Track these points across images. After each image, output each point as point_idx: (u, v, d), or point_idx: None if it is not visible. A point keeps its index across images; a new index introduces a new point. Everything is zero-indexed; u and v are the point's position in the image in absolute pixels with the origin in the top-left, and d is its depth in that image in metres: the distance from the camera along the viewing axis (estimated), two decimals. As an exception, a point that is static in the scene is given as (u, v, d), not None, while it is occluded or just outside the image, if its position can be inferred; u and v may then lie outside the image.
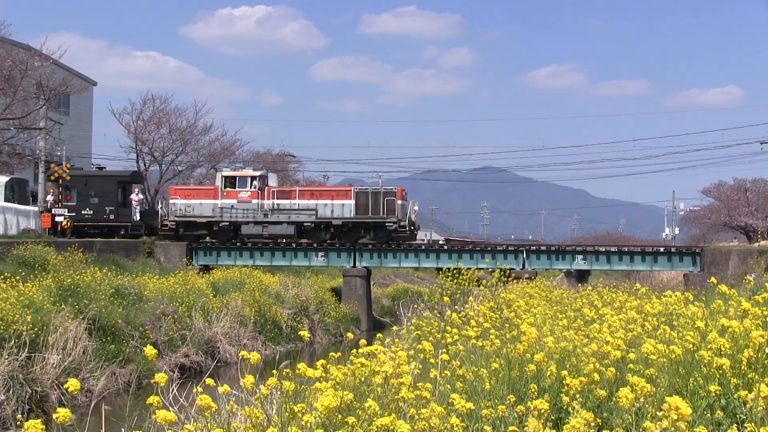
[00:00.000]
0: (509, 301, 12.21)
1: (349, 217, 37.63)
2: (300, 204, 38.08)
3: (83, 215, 38.42)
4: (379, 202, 37.38)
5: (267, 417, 5.49)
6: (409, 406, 5.49)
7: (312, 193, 39.07)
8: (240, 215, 38.14)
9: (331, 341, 33.81)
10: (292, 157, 71.38)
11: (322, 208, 37.78)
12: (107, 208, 38.60)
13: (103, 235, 38.53)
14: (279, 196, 38.40)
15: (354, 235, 38.08)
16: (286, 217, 37.98)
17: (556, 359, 6.84)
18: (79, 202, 38.54)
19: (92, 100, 66.57)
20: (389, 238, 37.63)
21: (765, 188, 69.51)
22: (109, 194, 38.78)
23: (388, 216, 37.26)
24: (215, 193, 38.61)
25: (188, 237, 38.34)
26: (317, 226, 37.92)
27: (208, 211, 38.31)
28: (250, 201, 38.18)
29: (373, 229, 37.80)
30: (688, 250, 38.48)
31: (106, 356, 20.39)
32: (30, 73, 34.62)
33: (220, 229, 38.37)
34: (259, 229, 38.13)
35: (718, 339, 5.82)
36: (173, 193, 39.43)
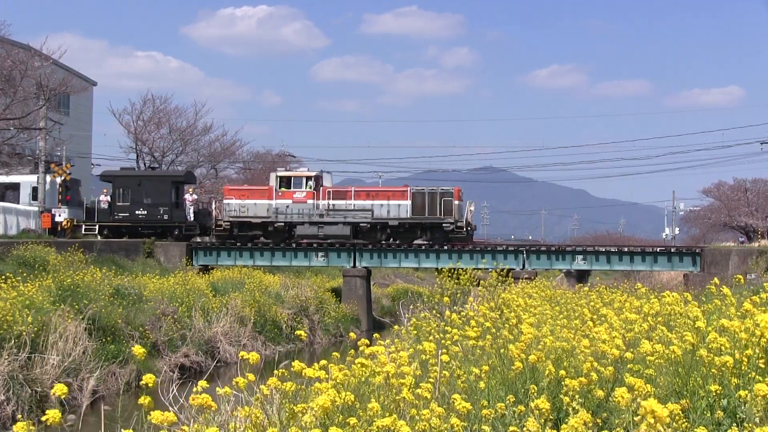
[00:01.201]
0: (508, 301, 12.21)
1: (405, 217, 37.43)
2: (356, 204, 37.87)
3: (137, 215, 38.40)
4: (436, 202, 37.15)
5: (267, 417, 5.49)
6: (410, 407, 5.49)
7: (368, 194, 38.73)
8: (295, 216, 37.92)
9: (331, 341, 33.82)
10: (292, 157, 71.38)
11: (378, 209, 37.59)
12: (161, 209, 38.45)
13: (157, 235, 38.59)
14: (335, 196, 38.10)
15: (410, 235, 37.87)
16: (342, 217, 37.77)
17: (553, 359, 6.84)
18: (132, 202, 38.47)
19: (92, 100, 66.57)
20: (446, 238, 37.36)
21: (765, 188, 69.53)
22: (162, 194, 38.63)
23: (445, 216, 37.06)
24: (270, 194, 38.33)
25: (243, 237, 38.29)
26: (373, 227, 37.75)
27: (262, 212, 38.06)
28: (305, 201, 37.93)
29: (430, 229, 37.57)
30: (688, 250, 38.47)
31: (106, 356, 20.39)
32: (30, 73, 34.61)
33: (275, 230, 38.14)
34: (314, 230, 37.91)
35: (718, 338, 5.82)
36: (227, 194, 39.14)
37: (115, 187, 39.06)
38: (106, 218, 38.43)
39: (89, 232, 38.39)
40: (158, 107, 55.52)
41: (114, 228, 38.47)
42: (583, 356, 6.61)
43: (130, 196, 38.57)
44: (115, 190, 38.89)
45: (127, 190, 38.66)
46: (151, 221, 38.47)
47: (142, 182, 39.03)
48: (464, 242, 37.80)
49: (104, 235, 38.31)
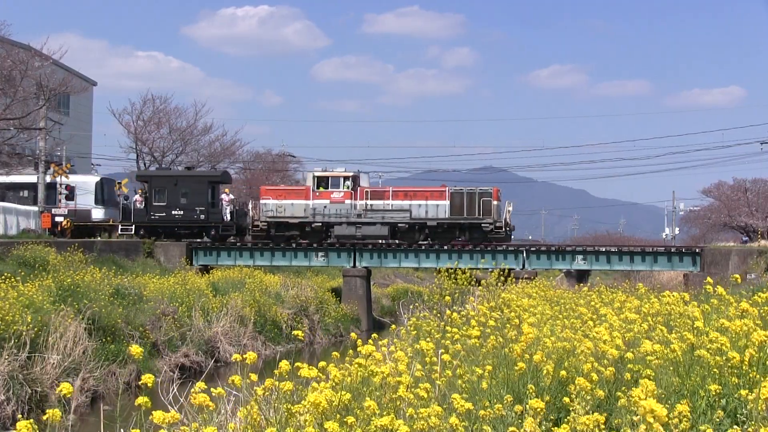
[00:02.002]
0: (508, 301, 12.20)
1: (444, 217, 37.31)
2: (393, 204, 37.74)
3: (173, 215, 38.33)
4: (475, 202, 37.07)
5: (264, 418, 5.48)
6: (408, 406, 5.48)
7: (406, 194, 38.49)
8: (333, 216, 37.80)
9: (331, 341, 33.82)
10: (292, 157, 71.38)
11: (416, 209, 37.44)
12: (197, 209, 38.38)
13: (193, 235, 38.64)
14: (373, 196, 38.02)
15: (449, 235, 37.74)
16: (380, 217, 37.65)
17: (554, 359, 6.83)
18: (168, 202, 38.42)
19: (92, 100, 66.59)
20: (485, 239, 37.24)
21: (765, 188, 69.51)
22: (199, 194, 38.54)
23: (484, 217, 36.96)
24: (307, 194, 38.22)
25: (280, 238, 38.19)
26: (411, 227, 37.62)
27: (299, 212, 37.96)
28: (343, 201, 37.83)
29: (469, 230, 37.46)
30: (688, 250, 38.46)
31: (106, 356, 20.40)
32: (30, 73, 34.57)
33: (312, 230, 38.02)
34: (352, 230, 37.79)
35: (720, 338, 5.82)
36: (264, 194, 38.99)
37: (151, 187, 38.89)
38: (143, 218, 38.32)
39: (125, 232, 38.44)
40: (158, 107, 55.54)
41: (150, 228, 38.35)
42: (584, 356, 6.60)
43: (167, 196, 38.50)
44: (151, 190, 38.73)
45: (163, 190, 38.58)
46: (187, 221, 38.42)
47: (178, 182, 38.96)
48: (503, 242, 37.64)
49: (140, 235, 38.21)
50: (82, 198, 39.00)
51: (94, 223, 39.01)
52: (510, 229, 38.27)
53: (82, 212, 38.74)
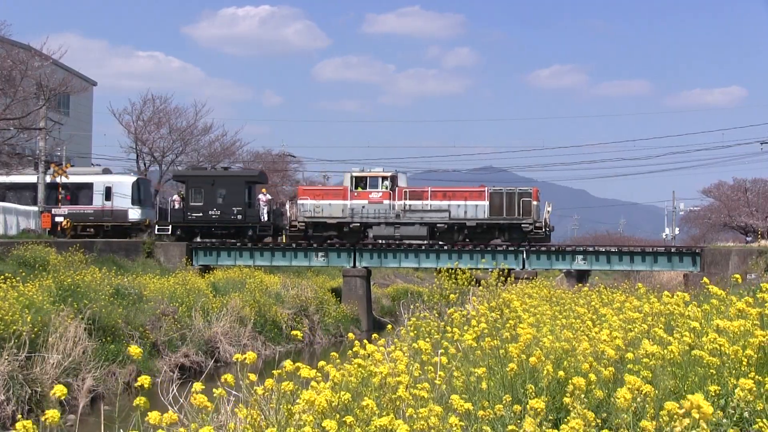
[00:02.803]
0: (508, 301, 12.20)
1: (483, 218, 37.18)
2: (432, 205, 37.60)
3: (210, 216, 38.21)
4: (514, 202, 36.97)
5: (264, 418, 5.49)
6: (407, 406, 5.48)
7: (444, 194, 38.36)
8: (371, 216, 37.72)
9: (331, 341, 33.83)
10: (292, 157, 71.36)
11: (455, 209, 37.32)
12: (234, 209, 38.25)
13: (230, 236, 38.52)
14: (411, 196, 37.86)
15: (488, 236, 37.60)
16: (419, 218, 37.54)
17: (553, 359, 6.83)
18: (205, 202, 38.26)
19: (92, 100, 66.61)
20: (524, 239, 37.12)
21: (765, 188, 69.54)
22: (236, 194, 38.41)
23: (524, 217, 36.85)
24: (345, 194, 38.13)
25: (317, 238, 38.09)
26: (450, 228, 37.48)
27: (337, 212, 37.86)
28: (381, 202, 37.73)
29: (508, 230, 37.34)
30: (688, 250, 38.46)
31: (105, 356, 20.40)
32: (30, 73, 34.56)
33: (350, 230, 37.92)
34: (390, 231, 37.70)
35: (718, 338, 5.82)
36: (302, 194, 38.94)
37: (188, 187, 38.82)
38: (180, 219, 38.26)
39: (162, 232, 38.39)
40: (158, 107, 55.54)
41: (187, 228, 38.33)
42: (583, 356, 6.60)
43: (204, 196, 38.35)
44: (188, 190, 38.65)
45: (200, 190, 38.44)
46: (224, 221, 38.32)
47: (215, 182, 38.81)
48: (543, 242, 37.49)
49: (177, 236, 38.22)
50: (119, 198, 38.86)
51: (131, 223, 38.92)
52: (549, 230, 38.10)
53: (118, 212, 38.71)
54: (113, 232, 38.61)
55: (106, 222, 38.88)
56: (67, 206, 39.39)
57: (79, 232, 38.91)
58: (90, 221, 39.06)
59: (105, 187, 39.31)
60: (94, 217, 39.08)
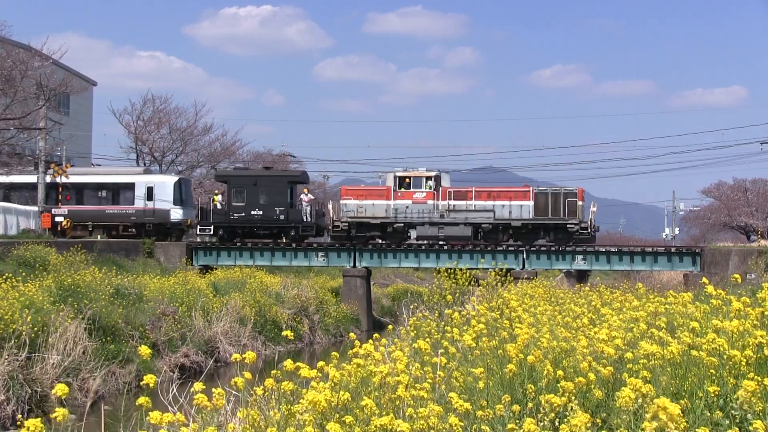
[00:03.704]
0: (508, 300, 12.21)
1: (528, 218, 36.95)
2: (476, 205, 37.36)
3: (252, 216, 37.99)
4: (559, 202, 36.77)
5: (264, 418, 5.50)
6: (407, 406, 5.49)
7: (489, 194, 38.01)
8: (415, 216, 37.49)
9: (331, 341, 33.84)
10: (292, 157, 71.36)
11: (499, 209, 37.07)
12: (277, 209, 38.01)
13: (272, 236, 38.36)
14: (455, 196, 37.63)
15: (533, 236, 37.45)
16: (463, 218, 37.34)
17: (551, 359, 6.84)
18: (248, 202, 38.04)
19: (92, 100, 66.62)
20: (570, 239, 36.93)
21: (765, 188, 69.56)
22: (279, 194, 38.18)
23: (569, 217, 36.65)
24: (388, 194, 37.85)
25: (361, 238, 37.92)
26: (495, 228, 37.26)
27: (380, 212, 37.63)
28: (425, 202, 37.49)
29: (553, 230, 37.14)
30: (688, 250, 38.46)
31: (106, 356, 20.40)
32: (30, 73, 34.56)
33: (394, 230, 37.70)
34: (434, 231, 37.46)
35: (717, 339, 5.82)
36: (345, 194, 38.64)
37: (230, 187, 38.64)
38: (222, 219, 38.10)
39: (203, 233, 38.28)
40: (158, 107, 55.60)
41: (229, 229, 38.18)
42: (581, 356, 6.61)
43: (246, 196, 38.13)
44: (230, 190, 38.48)
45: (242, 190, 38.20)
46: (267, 222, 38.13)
47: (258, 182, 38.53)
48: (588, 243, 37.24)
49: (219, 236, 38.08)
50: (161, 198, 38.63)
51: (172, 224, 38.81)
52: (595, 230, 37.82)
53: (160, 212, 38.49)
54: (155, 232, 38.51)
55: (148, 222, 38.56)
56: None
57: (120, 233, 38.88)
58: (131, 221, 38.82)
59: (147, 187, 38.94)
60: (136, 217, 38.74)
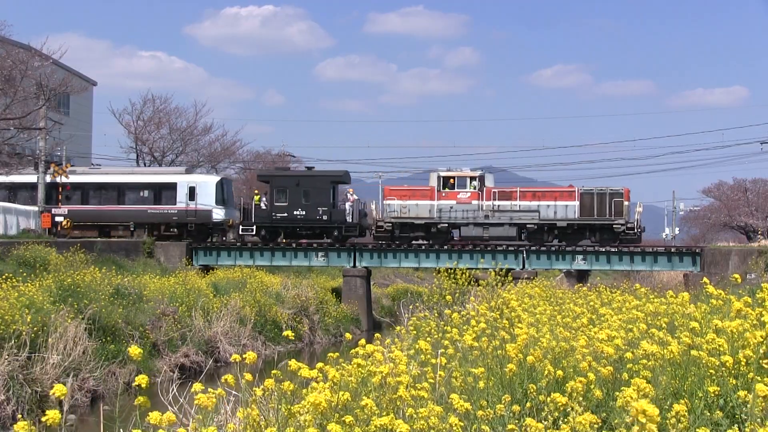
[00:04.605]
0: (508, 300, 12.21)
1: (573, 218, 36.83)
2: (521, 205, 37.18)
3: (295, 216, 37.86)
4: (605, 202, 36.60)
5: (264, 418, 5.50)
6: (407, 406, 5.49)
7: (534, 194, 37.92)
8: (459, 217, 37.32)
9: (331, 341, 33.84)
10: (292, 157, 71.34)
11: (544, 210, 36.92)
12: (320, 209, 37.84)
13: (315, 236, 38.26)
14: (500, 197, 37.45)
15: (578, 237, 37.28)
16: (508, 218, 37.13)
17: (550, 359, 6.84)
18: (290, 202, 37.93)
19: (92, 100, 66.59)
20: (616, 240, 36.73)
21: (765, 188, 69.56)
22: (321, 194, 38.04)
23: (616, 217, 36.46)
24: (432, 194, 37.68)
25: (405, 239, 37.75)
26: (540, 228, 37.14)
27: (424, 212, 37.49)
28: (470, 202, 37.30)
29: (599, 231, 36.93)
30: (688, 250, 38.44)
31: (106, 356, 20.40)
32: (30, 73, 34.55)
33: (438, 231, 37.56)
34: (479, 231, 37.29)
35: (716, 339, 5.82)
36: (388, 194, 38.43)
37: (272, 187, 38.60)
38: (264, 219, 38.03)
39: (246, 233, 38.22)
40: (158, 107, 55.58)
41: (271, 229, 38.12)
42: (581, 356, 6.61)
43: (288, 196, 38.00)
44: (272, 190, 38.44)
45: (284, 190, 38.11)
46: (310, 222, 37.99)
47: (300, 182, 38.41)
48: (635, 243, 37.04)
49: (261, 236, 38.00)
50: (203, 198, 38.46)
51: (214, 224, 38.67)
52: (641, 230, 37.55)
53: (202, 212, 38.31)
54: (197, 232, 38.49)
55: (191, 222, 38.47)
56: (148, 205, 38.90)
57: (162, 233, 38.87)
58: (173, 221, 38.76)
59: (189, 186, 38.74)
60: (178, 217, 38.59)
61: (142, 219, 38.78)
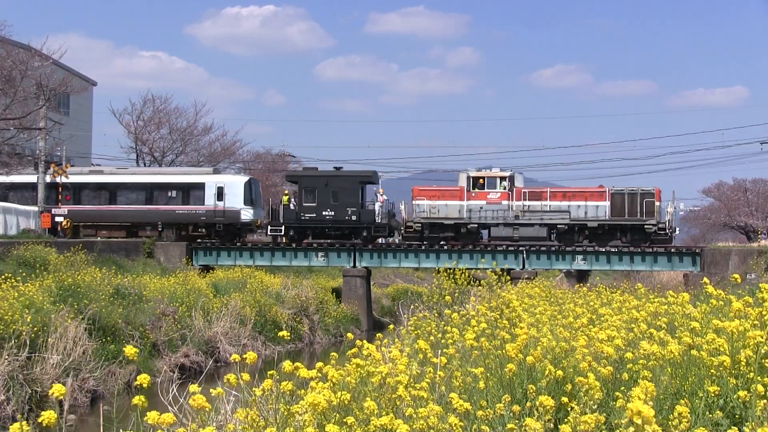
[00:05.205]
0: (508, 300, 12.20)
1: (604, 219, 36.74)
2: (551, 205, 37.19)
3: (323, 216, 37.72)
4: (636, 203, 36.54)
5: (264, 418, 5.49)
6: (406, 406, 5.48)
7: (564, 194, 37.92)
8: (489, 217, 37.24)
9: (332, 341, 33.85)
10: (292, 157, 71.36)
11: (575, 210, 36.89)
12: (348, 209, 37.72)
13: (344, 236, 38.16)
14: (530, 197, 37.42)
15: (609, 237, 37.18)
16: (538, 218, 37.15)
17: (550, 359, 6.83)
18: (319, 202, 37.78)
19: (92, 100, 66.60)
20: (647, 240, 36.63)
21: (765, 188, 69.57)
22: (350, 195, 37.88)
23: (647, 218, 36.40)
24: (461, 194, 37.61)
25: (434, 239, 37.63)
26: (571, 229, 37.10)
27: (454, 213, 37.41)
28: (499, 202, 37.24)
29: (630, 231, 36.85)
30: (688, 250, 38.44)
31: (106, 356, 20.40)
32: (30, 73, 34.55)
33: (467, 231, 37.50)
34: (509, 232, 37.25)
35: (716, 339, 5.82)
36: (418, 194, 38.24)
37: (300, 188, 38.48)
38: (292, 219, 37.92)
39: (275, 233, 38.16)
40: (158, 107, 55.61)
41: (299, 229, 38.02)
42: (581, 355, 6.60)
43: (317, 197, 37.85)
44: (301, 191, 38.33)
45: (313, 191, 37.95)
46: (338, 222, 37.87)
47: (329, 182, 38.20)
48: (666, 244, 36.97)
49: (290, 237, 37.93)
50: (231, 198, 38.34)
51: (242, 224, 38.57)
52: (673, 231, 37.42)
53: (230, 213, 38.18)
54: (225, 232, 38.43)
55: (219, 222, 38.39)
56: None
57: (190, 233, 38.81)
58: (201, 221, 38.65)
59: (217, 187, 38.61)
60: (206, 217, 38.47)
61: (170, 219, 38.64)
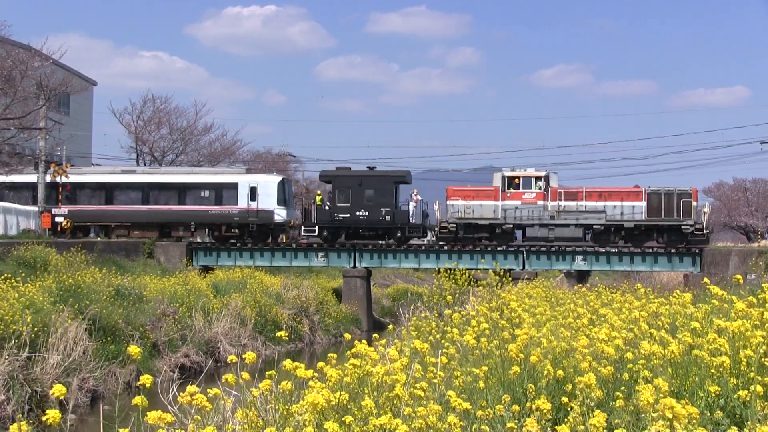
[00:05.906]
0: (508, 301, 12.20)
1: (640, 219, 36.49)
2: (587, 206, 36.91)
3: (357, 217, 37.54)
4: (673, 203, 36.26)
5: (263, 418, 5.49)
6: (405, 406, 5.48)
7: (600, 194, 37.45)
8: (524, 217, 37.03)
9: (332, 341, 33.86)
10: (292, 157, 71.36)
11: (611, 210, 36.63)
12: (383, 210, 37.51)
13: (378, 237, 38.04)
14: (566, 197, 37.12)
15: (645, 238, 36.99)
16: (574, 219, 36.91)
17: (550, 359, 6.83)
18: (353, 202, 37.60)
19: (92, 100, 66.61)
20: (684, 241, 36.43)
21: (765, 188, 69.58)
22: (384, 195, 37.65)
23: (684, 218, 36.12)
24: (496, 194, 37.36)
25: (468, 239, 37.43)
26: (607, 229, 36.83)
27: (488, 213, 37.18)
28: (535, 203, 36.99)
29: (667, 232, 36.61)
30: (688, 250, 38.41)
31: (106, 356, 20.41)
32: (30, 73, 34.55)
33: (502, 231, 37.27)
34: (544, 232, 36.99)
35: (717, 339, 5.82)
36: (452, 194, 37.98)
37: (334, 188, 38.28)
38: (326, 220, 37.75)
39: (308, 233, 38.07)
40: (158, 107, 55.64)
41: (333, 230, 37.86)
42: (581, 355, 6.60)
43: (351, 197, 37.66)
44: (335, 191, 38.12)
45: (347, 191, 37.74)
46: (372, 223, 37.68)
47: (363, 182, 38.00)
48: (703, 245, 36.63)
49: (324, 237, 37.76)
50: (264, 198, 38.21)
51: (276, 224, 38.43)
52: (710, 232, 36.94)
53: (264, 213, 38.04)
54: (258, 232, 38.33)
55: (252, 222, 38.26)
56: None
57: (223, 233, 38.73)
58: (235, 222, 38.49)
59: (250, 187, 38.45)
60: (239, 217, 38.32)
61: (204, 220, 38.60)
